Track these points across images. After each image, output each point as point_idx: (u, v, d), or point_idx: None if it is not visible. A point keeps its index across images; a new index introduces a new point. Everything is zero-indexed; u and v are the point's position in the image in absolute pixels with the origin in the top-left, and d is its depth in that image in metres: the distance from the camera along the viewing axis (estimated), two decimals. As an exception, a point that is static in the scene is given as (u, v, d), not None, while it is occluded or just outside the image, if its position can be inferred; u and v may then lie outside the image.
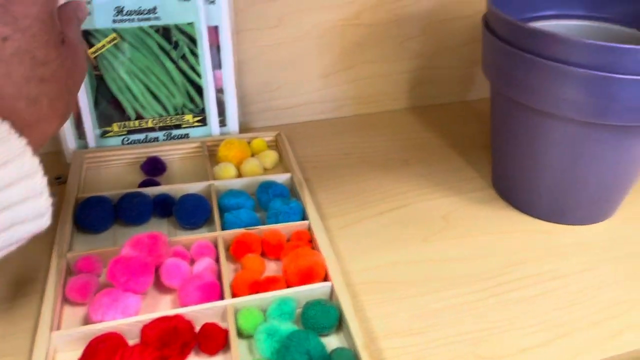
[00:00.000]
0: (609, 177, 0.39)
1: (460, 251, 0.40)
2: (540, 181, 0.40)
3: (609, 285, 0.37)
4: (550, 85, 0.34)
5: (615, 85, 0.32)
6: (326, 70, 0.54)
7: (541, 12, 0.45)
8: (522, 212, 0.43)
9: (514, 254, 0.39)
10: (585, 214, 0.41)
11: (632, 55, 0.31)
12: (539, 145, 0.38)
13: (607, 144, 0.36)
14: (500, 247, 0.40)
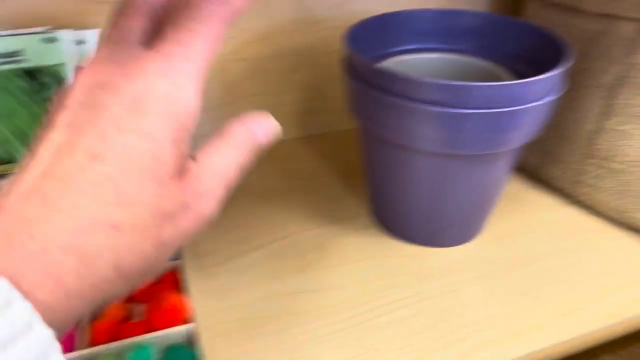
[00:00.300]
0: (468, 201, 0.40)
1: (334, 280, 0.40)
2: (409, 208, 0.42)
3: (474, 302, 0.38)
4: (405, 122, 0.35)
5: (463, 119, 0.34)
6: (209, 104, 0.54)
7: (404, 46, 0.47)
8: (396, 238, 0.44)
9: (386, 279, 0.40)
10: (453, 236, 0.43)
11: (476, 92, 0.33)
12: (403, 175, 0.40)
13: (463, 171, 0.38)
14: (374, 272, 0.41)
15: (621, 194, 0.45)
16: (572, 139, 0.47)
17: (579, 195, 0.48)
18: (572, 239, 0.45)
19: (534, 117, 0.36)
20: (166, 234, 0.22)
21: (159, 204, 0.22)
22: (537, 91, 0.35)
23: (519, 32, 0.44)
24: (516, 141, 0.37)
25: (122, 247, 0.21)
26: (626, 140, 0.43)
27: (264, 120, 0.26)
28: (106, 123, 0.21)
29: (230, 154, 0.25)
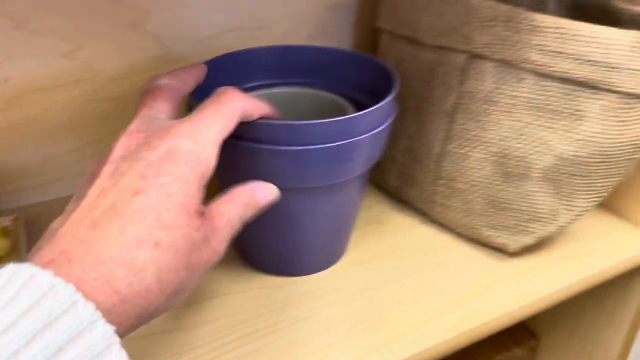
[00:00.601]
0: (321, 230, 0.42)
1: (189, 319, 0.40)
2: (265, 241, 0.43)
3: (325, 327, 0.40)
4: (245, 162, 0.37)
5: (304, 156, 0.36)
6: (73, 145, 0.53)
7: (251, 82, 0.48)
8: (258, 270, 0.45)
9: (243, 312, 0.41)
10: (312, 264, 0.45)
11: (312, 129, 0.35)
12: None
13: (310, 203, 0.40)
14: (231, 307, 0.41)
15: (467, 212, 0.48)
16: (423, 162, 0.50)
17: (434, 215, 0.51)
18: (426, 256, 0.47)
19: (370, 146, 0.39)
20: (194, 260, 0.26)
21: (190, 233, 0.26)
22: (371, 122, 0.38)
23: (359, 64, 0.47)
24: (357, 169, 0.39)
25: (163, 263, 0.25)
26: (466, 162, 0.47)
27: (263, 186, 0.33)
28: (146, 168, 0.26)
29: (235, 207, 0.30)
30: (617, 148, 0.42)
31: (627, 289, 0.55)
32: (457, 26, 0.45)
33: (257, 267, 0.45)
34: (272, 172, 0.37)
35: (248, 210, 0.32)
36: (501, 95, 0.44)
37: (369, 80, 0.46)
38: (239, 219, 0.31)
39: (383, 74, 0.44)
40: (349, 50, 0.48)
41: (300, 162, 0.36)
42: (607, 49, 0.38)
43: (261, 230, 0.42)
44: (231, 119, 0.31)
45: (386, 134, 0.41)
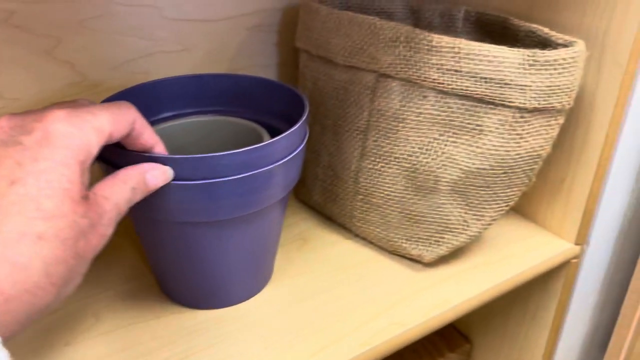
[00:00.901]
0: (241, 259, 0.42)
1: (102, 349, 0.40)
2: (181, 274, 0.42)
3: (241, 351, 0.40)
4: (155, 199, 0.35)
5: (215, 188, 0.35)
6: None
7: (163, 113, 0.48)
8: (177, 303, 0.44)
9: (156, 339, 0.41)
10: (229, 296, 0.44)
11: (224, 160, 0.34)
12: (169, 247, 0.40)
13: (226, 235, 0.39)
14: (146, 334, 0.41)
15: (385, 225, 0.50)
16: (342, 178, 0.51)
17: (355, 229, 0.52)
18: (347, 271, 0.48)
19: (283, 173, 0.38)
20: (81, 247, 0.26)
21: (75, 220, 0.25)
22: (285, 147, 0.38)
23: (272, 91, 0.47)
24: (272, 197, 0.39)
25: (49, 256, 0.24)
26: (381, 177, 0.48)
27: (154, 168, 0.32)
28: (22, 154, 0.25)
29: (122, 190, 0.30)
30: (517, 160, 0.44)
31: (545, 292, 0.57)
32: (364, 47, 0.46)
33: (178, 301, 0.44)
34: (180, 207, 0.36)
35: (136, 193, 0.31)
36: (408, 112, 0.45)
37: (284, 106, 0.46)
38: (126, 202, 0.30)
39: (295, 99, 0.45)
40: (263, 78, 0.48)
41: (210, 196, 0.35)
42: (499, 67, 0.40)
43: (177, 265, 0.41)
44: (120, 119, 0.30)
45: (299, 159, 0.41)
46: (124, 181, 0.30)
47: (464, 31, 0.54)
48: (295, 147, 0.39)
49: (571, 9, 0.47)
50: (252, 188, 0.36)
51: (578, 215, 0.51)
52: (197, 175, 0.34)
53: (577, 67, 0.41)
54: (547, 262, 0.51)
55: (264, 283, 0.46)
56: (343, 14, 0.47)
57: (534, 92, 0.41)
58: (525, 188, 0.46)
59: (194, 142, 0.47)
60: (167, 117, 0.48)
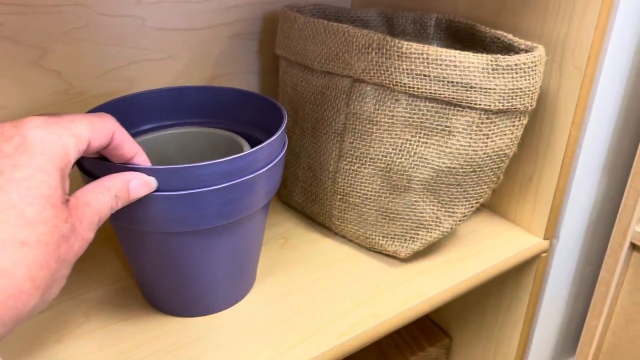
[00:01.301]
0: (219, 269, 0.43)
1: (92, 346, 0.42)
2: (165, 284, 0.43)
3: (220, 346, 0.42)
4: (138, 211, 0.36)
5: (199, 198, 0.36)
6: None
7: (144, 125, 0.49)
8: (164, 313, 0.45)
9: (141, 336, 0.42)
10: (216, 302, 0.45)
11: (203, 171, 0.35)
12: (152, 257, 0.41)
13: (210, 243, 0.40)
14: (125, 337, 0.42)
15: (362, 223, 0.52)
16: (321, 179, 0.54)
17: (334, 228, 0.55)
18: (327, 268, 0.51)
19: (266, 181, 0.40)
20: (63, 251, 0.26)
21: (57, 225, 0.26)
22: (265, 156, 0.39)
23: (252, 102, 0.49)
24: (255, 205, 0.40)
25: (33, 261, 0.24)
26: (357, 177, 0.51)
27: (138, 177, 0.33)
28: (2, 162, 0.25)
29: (104, 197, 0.31)
30: (485, 158, 0.46)
31: (518, 286, 0.59)
32: (339, 53, 0.49)
33: (162, 310, 0.45)
34: (163, 217, 0.36)
35: (118, 200, 0.31)
36: (381, 115, 0.47)
37: (263, 116, 0.48)
38: (107, 209, 0.31)
39: (273, 109, 0.46)
40: (241, 89, 0.49)
41: (193, 206, 0.36)
42: (465, 71, 0.43)
43: (160, 275, 0.42)
44: (99, 127, 0.31)
45: (280, 167, 0.42)
46: (107, 188, 0.31)
47: (435, 37, 0.57)
48: (275, 156, 0.41)
49: (533, 16, 0.50)
50: (234, 197, 0.37)
51: (546, 210, 0.54)
52: (180, 185, 0.35)
53: (538, 71, 0.44)
54: (517, 256, 0.54)
55: (248, 288, 0.47)
56: (319, 22, 0.50)
57: (498, 94, 0.43)
58: (494, 185, 0.48)
59: (175, 154, 0.48)
60: (148, 129, 0.49)
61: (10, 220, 0.24)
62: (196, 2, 0.57)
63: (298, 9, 0.56)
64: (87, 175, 0.37)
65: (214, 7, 0.59)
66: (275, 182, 0.42)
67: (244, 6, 0.61)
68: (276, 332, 0.43)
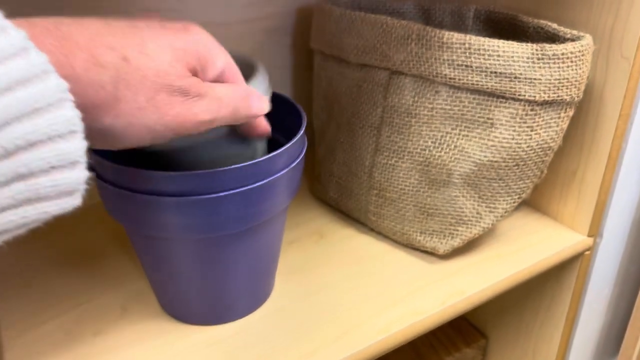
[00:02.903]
0: (238, 277, 0.42)
1: (131, 337, 0.42)
2: (185, 292, 0.42)
3: (261, 339, 0.41)
4: (158, 216, 0.36)
5: (219, 203, 0.35)
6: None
7: None
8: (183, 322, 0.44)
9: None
10: (236, 310, 0.44)
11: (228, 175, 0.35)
12: (170, 264, 0.40)
13: (231, 249, 0.39)
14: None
15: (399, 219, 0.51)
16: (357, 174, 0.53)
17: (370, 223, 0.54)
18: (363, 263, 0.50)
19: (286, 184, 0.39)
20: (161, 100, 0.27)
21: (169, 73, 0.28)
22: (285, 159, 0.38)
23: None
24: (275, 209, 0.39)
25: (123, 73, 0.26)
26: (395, 172, 0.50)
27: (263, 100, 0.34)
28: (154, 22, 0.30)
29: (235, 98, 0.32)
30: (528, 152, 0.45)
31: (559, 285, 0.58)
32: (377, 45, 0.48)
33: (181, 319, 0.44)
34: (183, 223, 0.36)
35: (240, 112, 0.32)
36: (421, 107, 0.46)
37: (281, 117, 0.45)
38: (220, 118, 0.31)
39: (294, 111, 0.44)
40: None
41: (217, 210, 0.35)
42: (508, 61, 0.42)
43: (180, 283, 0.41)
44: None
45: (299, 170, 0.41)
46: (234, 99, 0.32)
47: (474, 29, 0.56)
48: (295, 158, 0.39)
49: (578, 6, 0.48)
50: (254, 201, 0.37)
51: (590, 207, 0.52)
52: (201, 190, 0.34)
53: (585, 60, 0.42)
54: (559, 254, 0.52)
55: (269, 290, 0.46)
56: (355, 14, 0.49)
57: (543, 85, 0.42)
58: (537, 180, 0.47)
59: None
60: None
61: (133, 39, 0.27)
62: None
63: (333, 1, 0.56)
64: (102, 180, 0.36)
65: (249, 1, 0.59)
66: (295, 184, 0.41)
67: (278, 0, 0.61)
68: (309, 330, 0.42)
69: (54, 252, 0.51)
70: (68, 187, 0.22)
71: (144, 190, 0.35)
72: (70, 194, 0.22)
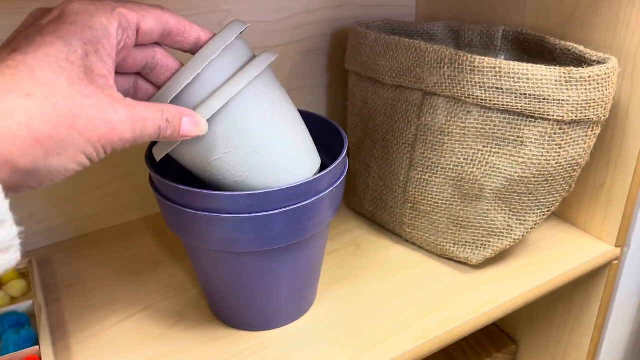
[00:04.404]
0: (286, 286, 0.45)
1: (185, 343, 0.45)
2: (237, 300, 0.45)
3: (302, 346, 0.45)
4: (216, 232, 0.39)
5: (267, 220, 0.38)
6: (78, 190, 0.58)
7: None
8: (234, 328, 0.47)
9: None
10: (283, 317, 0.47)
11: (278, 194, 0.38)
12: (224, 275, 0.44)
13: (281, 261, 0.43)
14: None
15: (433, 231, 0.54)
16: (392, 188, 0.56)
17: (405, 235, 0.57)
18: (398, 273, 0.53)
19: (328, 203, 0.42)
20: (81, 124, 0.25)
21: (73, 96, 0.25)
22: (329, 179, 0.41)
23: (310, 122, 0.46)
24: (318, 226, 0.42)
25: (35, 113, 0.24)
26: (429, 187, 0.52)
27: (191, 114, 0.32)
28: (32, 29, 0.27)
29: (156, 113, 0.30)
30: (557, 168, 0.47)
31: (588, 293, 0.60)
32: (411, 68, 0.51)
33: (234, 326, 0.47)
34: (232, 238, 0.39)
35: (168, 127, 0.31)
36: (453, 126, 0.49)
37: (322, 137, 0.47)
38: (156, 126, 0.30)
39: (335, 132, 0.47)
40: (305, 111, 0.48)
41: (269, 227, 0.39)
42: (537, 84, 0.44)
43: (232, 292, 0.44)
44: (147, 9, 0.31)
45: (341, 190, 0.43)
46: (161, 110, 0.30)
47: (502, 49, 0.58)
48: (338, 177, 0.42)
49: (603, 28, 0.51)
50: (299, 218, 0.39)
51: (617, 218, 0.54)
52: (249, 209, 0.38)
53: (611, 82, 0.45)
54: (588, 263, 0.54)
55: (312, 301, 0.49)
56: (390, 38, 0.52)
57: (571, 105, 0.44)
58: (565, 194, 0.49)
59: None
60: None
61: (20, 75, 0.24)
62: (271, 22, 0.61)
63: (367, 25, 0.59)
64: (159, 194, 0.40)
65: (286, 26, 0.62)
66: (338, 202, 0.43)
67: (313, 24, 0.64)
68: (350, 336, 0.45)
69: (116, 262, 0.55)
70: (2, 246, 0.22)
71: (204, 208, 0.38)
72: (7, 250, 0.23)
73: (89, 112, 0.26)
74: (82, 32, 0.27)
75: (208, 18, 0.57)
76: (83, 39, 0.27)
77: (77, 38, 0.27)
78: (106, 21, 0.28)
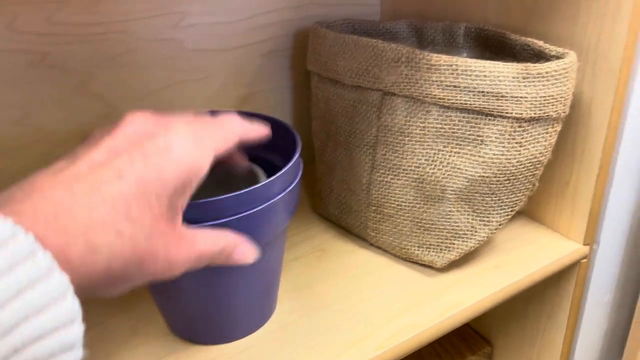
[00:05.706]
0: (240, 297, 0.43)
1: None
2: (191, 314, 0.44)
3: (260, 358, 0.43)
4: None
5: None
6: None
7: None
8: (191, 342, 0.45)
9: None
10: (241, 329, 0.45)
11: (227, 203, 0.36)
12: (174, 289, 0.42)
13: (226, 274, 0.41)
14: None
15: (397, 234, 0.52)
16: (355, 191, 0.55)
17: (369, 239, 0.55)
18: (363, 278, 0.51)
19: (284, 205, 0.40)
20: (146, 265, 0.27)
21: (152, 234, 0.27)
22: (281, 184, 0.39)
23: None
24: (276, 229, 0.41)
25: (117, 250, 0.25)
26: (391, 189, 0.51)
27: (247, 245, 0.34)
28: (138, 154, 0.27)
29: (211, 247, 0.32)
30: (518, 167, 0.46)
31: (559, 293, 0.59)
32: (369, 68, 0.49)
33: (186, 339, 0.45)
34: None
35: (220, 258, 0.32)
36: (413, 126, 0.48)
37: (276, 140, 0.45)
38: (208, 258, 0.31)
39: (288, 133, 0.45)
40: (255, 113, 0.47)
41: None
42: (495, 81, 0.43)
43: (187, 303, 0.42)
44: (231, 140, 0.33)
45: (296, 193, 0.42)
46: (217, 242, 0.32)
47: (465, 46, 0.57)
48: (291, 181, 0.41)
49: (563, 21, 0.50)
50: (254, 225, 0.38)
51: (585, 215, 0.53)
52: (203, 218, 0.36)
53: (570, 77, 0.44)
54: (556, 262, 0.53)
55: (272, 309, 0.48)
56: (348, 38, 0.51)
57: (530, 102, 0.43)
58: (529, 193, 0.48)
59: None
60: None
61: (117, 208, 0.26)
62: (230, 22, 0.59)
63: (328, 24, 0.58)
64: None
65: (247, 27, 0.61)
66: (292, 206, 0.42)
67: (275, 24, 0.63)
68: (314, 344, 0.44)
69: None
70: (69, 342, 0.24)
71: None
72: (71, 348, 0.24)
73: (157, 251, 0.28)
74: (179, 170, 0.28)
75: (163, 21, 0.56)
76: (178, 177, 0.28)
77: (172, 176, 0.28)
78: (204, 163, 0.30)
